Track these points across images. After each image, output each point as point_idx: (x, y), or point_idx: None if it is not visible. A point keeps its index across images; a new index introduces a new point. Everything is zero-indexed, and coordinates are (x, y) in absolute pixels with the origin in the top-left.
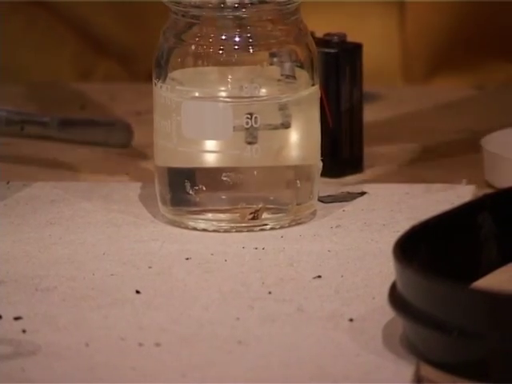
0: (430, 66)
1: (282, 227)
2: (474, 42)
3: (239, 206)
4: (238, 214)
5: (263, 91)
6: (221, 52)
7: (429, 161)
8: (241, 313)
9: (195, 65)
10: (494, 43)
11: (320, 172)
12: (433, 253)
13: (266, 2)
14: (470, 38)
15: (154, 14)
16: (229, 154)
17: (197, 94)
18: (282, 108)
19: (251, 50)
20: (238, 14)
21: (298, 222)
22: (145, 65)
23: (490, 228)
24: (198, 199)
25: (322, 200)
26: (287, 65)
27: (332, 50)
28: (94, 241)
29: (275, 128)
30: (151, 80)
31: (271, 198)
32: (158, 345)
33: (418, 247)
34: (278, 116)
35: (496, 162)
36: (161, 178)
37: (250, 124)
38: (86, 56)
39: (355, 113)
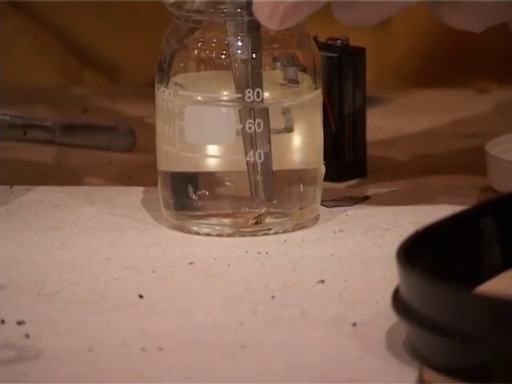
0: (414, 85)
1: (285, 231)
2: (459, 62)
3: (242, 211)
4: (241, 219)
5: (266, 95)
6: (223, 57)
7: (432, 165)
8: (244, 317)
9: (198, 69)
10: (480, 63)
11: (323, 176)
12: (436, 257)
13: None
14: (455, 59)
15: (141, 24)
16: (232, 159)
17: (199, 99)
18: (285, 112)
19: (254, 55)
20: (240, 18)
21: (301, 227)
22: (130, 75)
23: (492, 232)
24: (200, 204)
25: (325, 204)
26: (290, 69)
27: (335, 55)
28: (97, 245)
29: (278, 132)
30: (137, 90)
31: (274, 202)
32: (160, 349)
33: (421, 252)
34: (281, 120)
35: (500, 167)
36: (164, 183)
37: (252, 129)
38: (72, 65)
39: (358, 117)
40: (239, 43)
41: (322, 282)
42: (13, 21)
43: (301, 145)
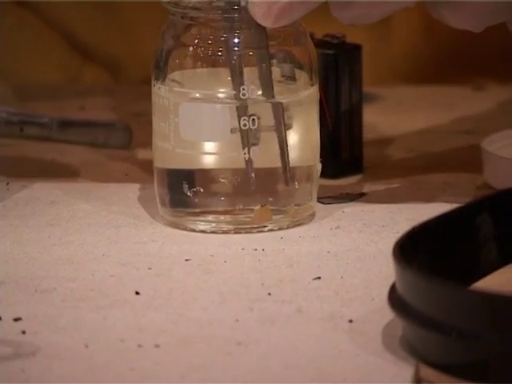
0: (413, 82)
1: (280, 229)
2: (457, 60)
3: (237, 208)
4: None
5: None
6: (220, 54)
7: (428, 162)
8: (240, 314)
9: (194, 66)
10: (476, 60)
11: (319, 174)
12: (432, 254)
13: None
14: (454, 56)
15: (142, 22)
16: (226, 156)
17: (197, 96)
18: (285, 109)
19: (250, 52)
20: (236, 15)
21: (297, 224)
22: (132, 72)
23: (489, 229)
24: (196, 201)
25: (321, 201)
26: (286, 66)
27: (331, 51)
28: (94, 242)
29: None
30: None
31: (270, 199)
32: (157, 346)
33: (417, 248)
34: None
35: (496, 164)
36: (160, 180)
37: (247, 126)
38: (73, 62)
39: (355, 114)
40: (236, 40)
41: (319, 278)
42: (15, 17)
43: (297, 142)
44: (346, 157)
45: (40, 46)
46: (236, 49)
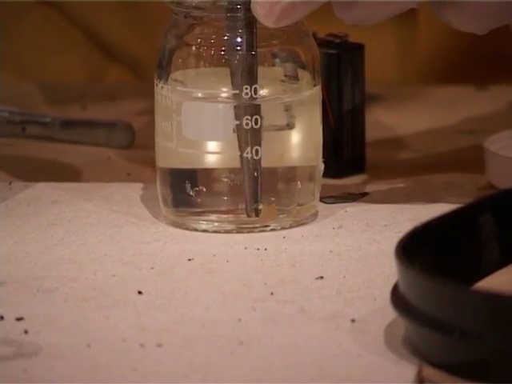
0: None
1: (283, 228)
2: (484, 61)
3: (239, 207)
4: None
5: (266, 92)
6: (223, 53)
7: (431, 162)
8: (242, 314)
9: (197, 66)
10: (506, 63)
11: (321, 173)
12: (435, 254)
13: None
14: (480, 57)
15: (166, 22)
16: (229, 156)
17: (199, 95)
18: (288, 109)
19: (253, 52)
20: (239, 15)
21: (299, 223)
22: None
23: (491, 229)
24: (198, 200)
25: (323, 201)
26: (289, 66)
27: (334, 51)
28: (96, 242)
29: (280, 129)
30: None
31: (272, 199)
32: (159, 345)
33: (419, 248)
34: (283, 117)
35: (499, 163)
36: (162, 179)
37: (250, 125)
38: (97, 61)
39: (357, 113)
40: (238, 39)
41: (321, 278)
42: (39, 15)
43: (300, 142)
44: (348, 156)
45: (64, 45)
46: (238, 48)
